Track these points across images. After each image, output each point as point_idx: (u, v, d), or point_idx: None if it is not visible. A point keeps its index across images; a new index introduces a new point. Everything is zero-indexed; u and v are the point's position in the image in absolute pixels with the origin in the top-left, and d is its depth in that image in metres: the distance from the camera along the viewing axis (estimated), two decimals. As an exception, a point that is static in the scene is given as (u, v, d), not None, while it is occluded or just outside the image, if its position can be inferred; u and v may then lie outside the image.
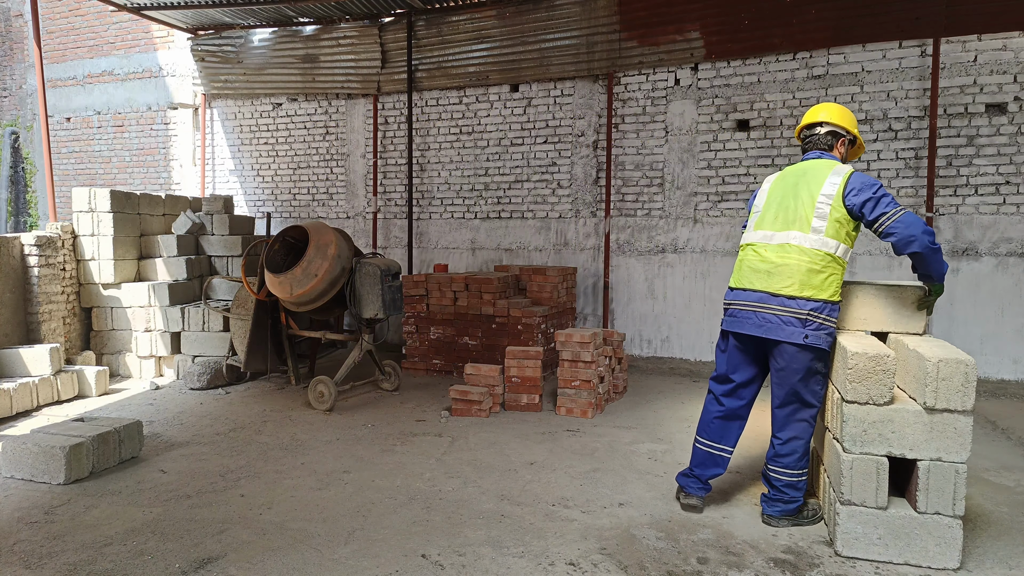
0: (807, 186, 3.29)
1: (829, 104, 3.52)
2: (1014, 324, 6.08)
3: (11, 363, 5.81)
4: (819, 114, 3.48)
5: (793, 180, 3.37)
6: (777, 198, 3.38)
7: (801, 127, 3.54)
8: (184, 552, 3.10)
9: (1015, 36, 5.97)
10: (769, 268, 3.29)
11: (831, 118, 3.44)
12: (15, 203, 10.79)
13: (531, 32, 7.58)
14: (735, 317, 3.39)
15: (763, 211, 3.42)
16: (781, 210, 3.34)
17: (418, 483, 3.97)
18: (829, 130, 3.45)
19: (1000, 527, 3.41)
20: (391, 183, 8.62)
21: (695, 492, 3.53)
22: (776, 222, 3.34)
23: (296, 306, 5.76)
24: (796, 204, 3.30)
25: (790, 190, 3.35)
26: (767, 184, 3.51)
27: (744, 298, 3.35)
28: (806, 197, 3.27)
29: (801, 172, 3.38)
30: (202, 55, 9.07)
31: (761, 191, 3.51)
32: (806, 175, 3.34)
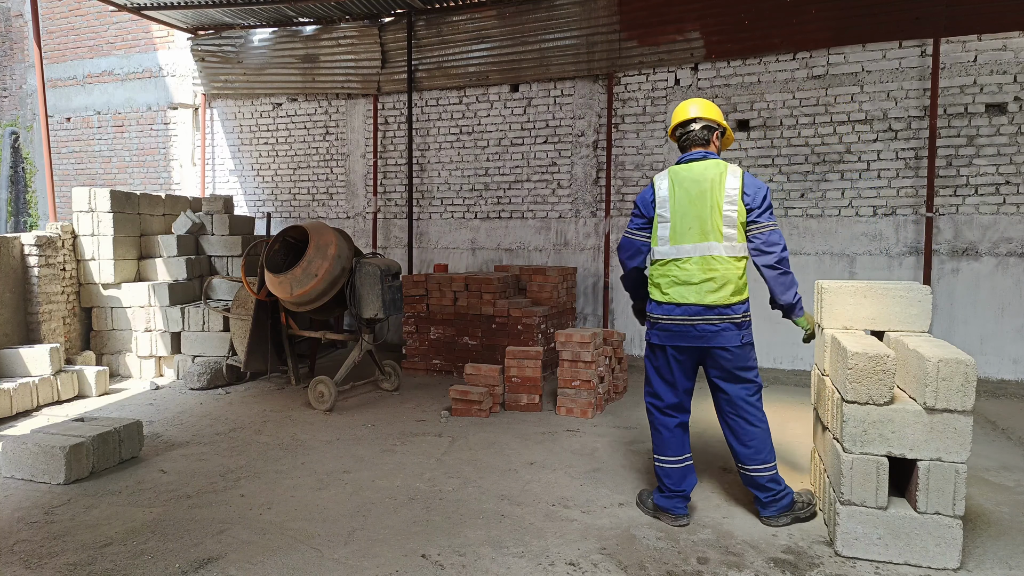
0: (712, 194, 3.34)
1: (696, 100, 3.55)
2: (1014, 324, 6.08)
3: (11, 363, 5.81)
4: (690, 110, 3.49)
5: (695, 188, 3.37)
6: (683, 207, 3.38)
7: (675, 125, 3.54)
8: (184, 552, 3.10)
9: (1015, 36, 5.97)
10: (699, 282, 3.35)
11: (703, 113, 3.47)
12: (15, 203, 10.79)
13: (531, 32, 7.58)
14: (671, 331, 3.42)
15: (672, 222, 3.40)
16: (694, 221, 3.36)
17: (418, 483, 3.97)
18: (704, 125, 3.47)
19: (1000, 527, 3.41)
20: (391, 183, 8.62)
21: (684, 511, 3.46)
22: (691, 234, 3.36)
23: (296, 306, 5.76)
24: (707, 214, 3.34)
25: (695, 200, 3.36)
26: (662, 189, 3.43)
27: (680, 312, 3.39)
28: (714, 207, 3.34)
29: (698, 177, 3.38)
30: (202, 55, 9.07)
31: (659, 196, 3.44)
32: (704, 181, 3.36)
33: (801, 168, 6.70)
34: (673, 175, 3.44)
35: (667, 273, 3.41)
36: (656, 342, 3.49)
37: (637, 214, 3.52)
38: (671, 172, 3.46)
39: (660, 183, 3.46)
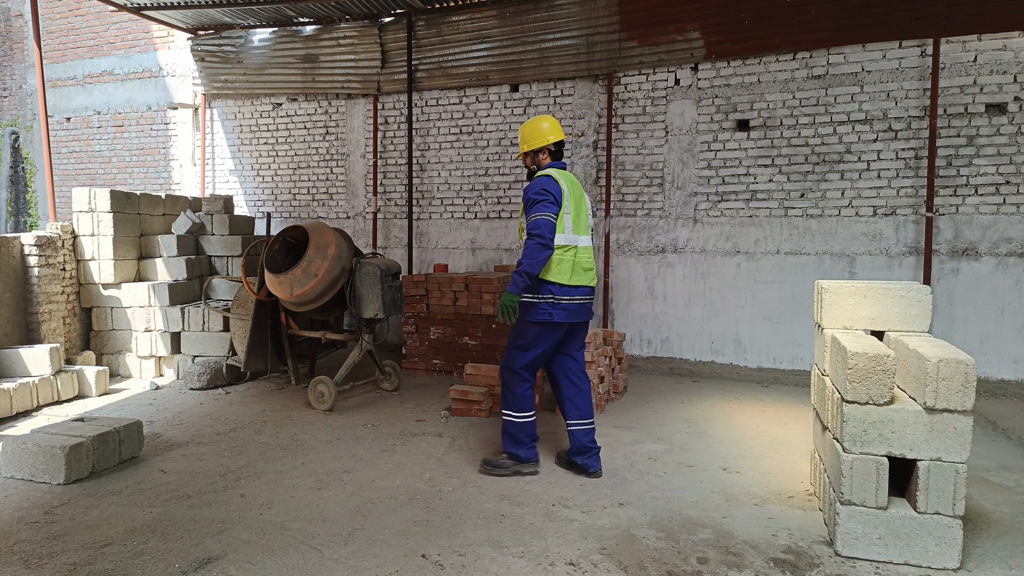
0: (585, 202, 4.15)
1: (550, 117, 4.20)
2: (1014, 324, 6.08)
3: (11, 363, 5.81)
4: (560, 130, 4.15)
5: (575, 189, 4.08)
6: (574, 205, 4.02)
7: (557, 139, 4.12)
8: (184, 552, 3.10)
9: (1015, 36, 5.97)
10: (588, 267, 4.05)
11: (563, 134, 4.17)
12: (15, 203, 10.79)
13: (531, 32, 7.58)
14: (571, 310, 3.98)
15: (571, 214, 3.99)
16: (580, 217, 4.07)
17: (418, 483, 3.97)
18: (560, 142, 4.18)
19: (1000, 527, 3.41)
20: (391, 183, 8.62)
21: (537, 456, 4.15)
22: (580, 227, 4.05)
23: (296, 306, 5.76)
24: (584, 213, 4.12)
25: (579, 199, 4.09)
26: (563, 186, 3.97)
27: (580, 293, 4.00)
28: (586, 207, 4.15)
29: (575, 181, 4.13)
30: (202, 55, 9.07)
31: (564, 190, 3.96)
32: (578, 185, 4.14)
33: (801, 168, 6.70)
34: (562, 177, 4.02)
35: (570, 259, 3.96)
36: (560, 320, 3.96)
37: (553, 202, 3.91)
38: (560, 174, 4.03)
39: (559, 180, 3.98)
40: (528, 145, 4.14)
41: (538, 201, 3.89)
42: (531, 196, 3.92)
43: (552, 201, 3.89)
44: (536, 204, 3.89)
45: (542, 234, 3.83)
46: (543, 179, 3.97)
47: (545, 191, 3.90)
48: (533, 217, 3.87)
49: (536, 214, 3.87)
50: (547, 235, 3.84)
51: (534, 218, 3.86)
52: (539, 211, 3.87)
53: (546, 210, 3.87)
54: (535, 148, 4.13)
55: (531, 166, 4.19)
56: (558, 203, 3.91)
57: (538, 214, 3.86)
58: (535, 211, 3.88)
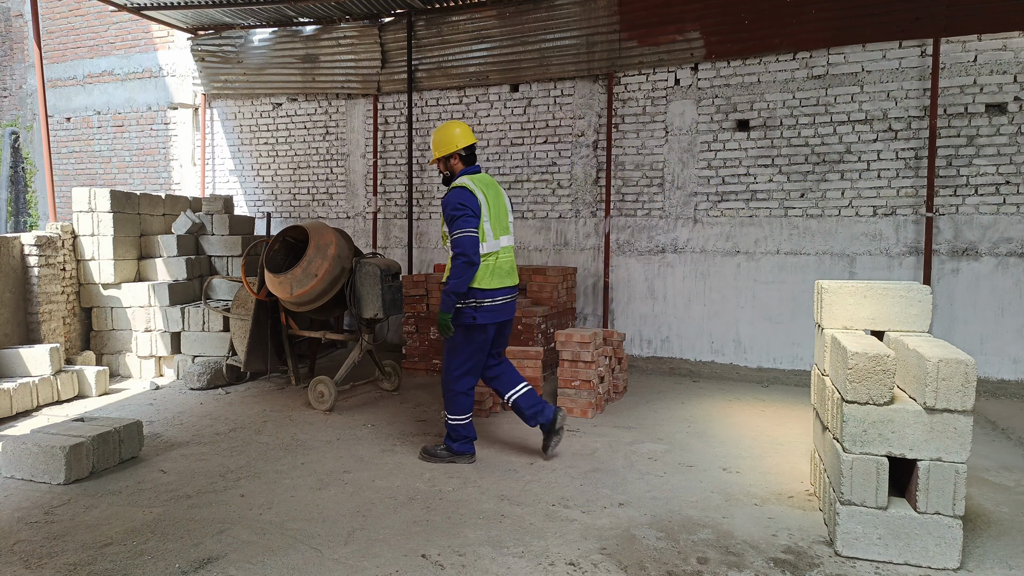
0: (502, 198, 4.31)
1: (461, 122, 4.32)
2: (1014, 324, 6.08)
3: (11, 363, 5.81)
4: (471, 135, 4.28)
5: (492, 191, 4.23)
6: (494, 209, 4.18)
7: (467, 144, 4.25)
8: (184, 552, 3.11)
9: (1015, 36, 5.97)
10: (511, 269, 4.29)
11: (474, 139, 4.31)
12: (15, 203, 10.79)
13: (531, 32, 7.58)
14: (493, 311, 4.19)
15: (491, 220, 4.15)
16: (501, 220, 4.25)
17: (418, 483, 3.97)
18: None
19: (1000, 527, 3.41)
20: (391, 183, 8.62)
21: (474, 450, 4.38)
22: (500, 229, 4.24)
23: (296, 306, 5.76)
24: (504, 214, 4.29)
25: (499, 203, 4.26)
26: (480, 194, 4.12)
27: (504, 294, 4.23)
28: (505, 206, 4.32)
29: (491, 183, 4.27)
30: (202, 55, 9.07)
31: (480, 199, 4.11)
32: (494, 187, 4.28)
33: (801, 168, 6.70)
34: (477, 182, 4.17)
35: (491, 263, 4.16)
36: (484, 322, 4.16)
37: (472, 215, 4.06)
38: (473, 180, 4.18)
39: (475, 190, 4.12)
40: (440, 151, 4.27)
41: (457, 216, 4.05)
42: (450, 213, 4.07)
43: (471, 214, 4.05)
44: (456, 220, 4.05)
45: (466, 252, 4.02)
46: (458, 192, 4.12)
47: (463, 205, 4.05)
48: (456, 235, 4.04)
49: (459, 231, 4.04)
50: (471, 252, 4.03)
51: (457, 236, 4.04)
52: (461, 227, 4.04)
53: (467, 226, 4.04)
54: (446, 154, 4.26)
55: (444, 171, 4.34)
56: (477, 215, 4.08)
57: (460, 231, 4.04)
58: (457, 228, 4.05)
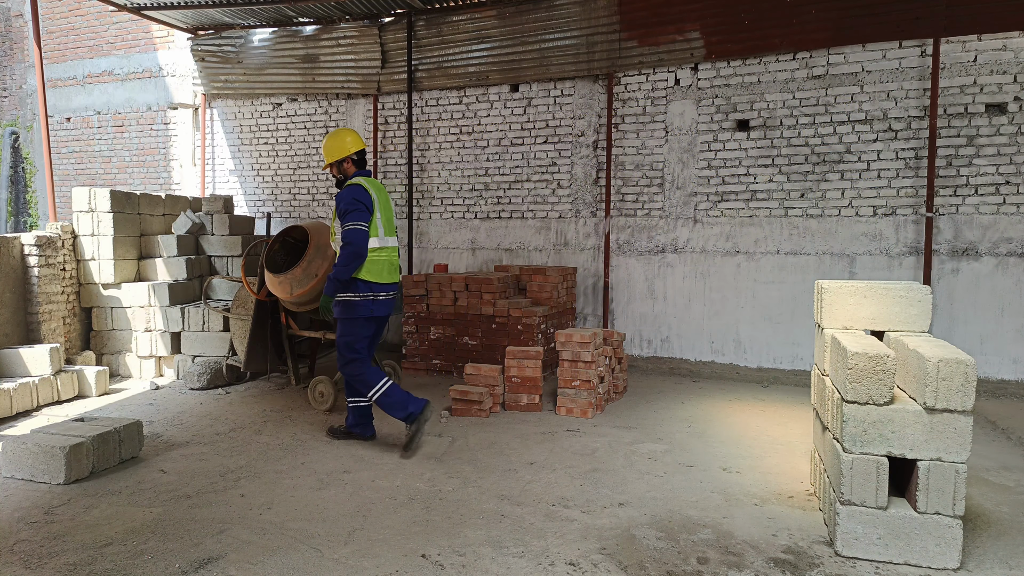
0: (389, 201, 4.61)
1: (351, 129, 4.66)
2: (1014, 324, 6.08)
3: (11, 363, 5.81)
4: (361, 141, 4.56)
5: (382, 194, 4.53)
6: (383, 210, 4.47)
7: (358, 149, 4.54)
8: (184, 552, 3.11)
9: (1015, 36, 5.97)
10: (396, 265, 4.59)
11: (363, 145, 4.60)
12: (15, 203, 10.79)
13: (531, 32, 7.58)
14: (386, 304, 4.55)
15: (382, 218, 4.44)
16: (390, 221, 4.54)
17: (418, 483, 3.97)
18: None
19: (1000, 527, 3.41)
20: (391, 183, 8.62)
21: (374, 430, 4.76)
22: (389, 229, 4.52)
23: (296, 306, 5.76)
24: (391, 216, 4.59)
25: (387, 205, 4.57)
26: (372, 193, 4.40)
27: (391, 289, 4.57)
28: (392, 210, 4.62)
29: (380, 188, 4.56)
30: (202, 55, 9.07)
31: (373, 196, 4.39)
32: (383, 191, 4.58)
33: (801, 168, 6.70)
34: (373, 185, 4.46)
35: (384, 259, 4.46)
36: (380, 314, 4.52)
37: (365, 210, 4.31)
38: (365, 181, 4.43)
39: (369, 188, 4.39)
40: (332, 156, 4.53)
41: (351, 211, 4.29)
42: (344, 207, 4.30)
43: (364, 209, 4.31)
44: (349, 213, 4.28)
45: (356, 243, 4.27)
46: (354, 188, 4.36)
47: (357, 200, 4.30)
48: (348, 227, 4.27)
49: (350, 223, 4.27)
50: (361, 244, 4.29)
51: (349, 227, 4.27)
52: (353, 220, 4.27)
53: (359, 219, 4.29)
54: (339, 159, 4.52)
55: (338, 176, 4.58)
56: (370, 210, 4.34)
57: (352, 224, 4.27)
58: (349, 220, 4.28)
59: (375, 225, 4.39)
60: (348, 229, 4.27)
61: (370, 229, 4.36)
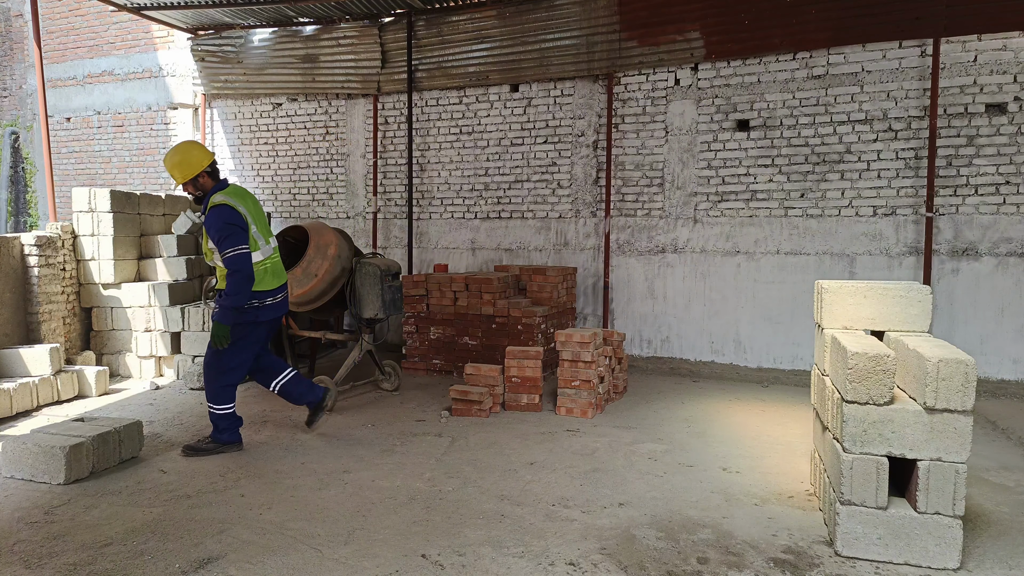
0: (258, 203, 4.59)
1: (196, 142, 4.59)
2: (1014, 324, 6.08)
3: (11, 363, 5.80)
4: (209, 152, 4.51)
5: (250, 200, 4.51)
6: (256, 217, 4.46)
7: (210, 161, 4.47)
8: (184, 552, 3.10)
9: (1015, 36, 5.97)
10: (280, 268, 4.63)
11: (212, 155, 4.56)
12: (15, 203, 10.79)
13: (531, 32, 7.58)
14: (277, 306, 4.57)
15: (257, 228, 4.44)
16: (264, 226, 4.55)
17: (418, 483, 3.97)
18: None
19: (1000, 527, 3.41)
20: (391, 183, 8.62)
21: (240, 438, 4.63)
22: (265, 233, 4.52)
23: (296, 306, 5.76)
24: (265, 220, 4.58)
25: (258, 209, 4.54)
26: (242, 208, 4.37)
27: (281, 292, 4.60)
28: (262, 210, 4.61)
29: (245, 194, 4.53)
30: (202, 55, 9.07)
31: (242, 211, 4.36)
32: (250, 196, 4.55)
33: (801, 168, 6.70)
34: (233, 195, 4.41)
35: (269, 266, 4.49)
36: (266, 318, 4.51)
37: (242, 230, 4.30)
38: (231, 194, 4.41)
39: (236, 204, 4.35)
40: (186, 175, 4.41)
41: (226, 236, 4.26)
42: (219, 234, 4.26)
43: (240, 230, 4.30)
44: (227, 239, 4.26)
45: (243, 268, 4.27)
46: (222, 211, 4.29)
47: (231, 224, 4.27)
48: (229, 253, 4.25)
49: (232, 250, 4.25)
50: (248, 268, 4.29)
51: (231, 254, 4.25)
52: (233, 246, 4.26)
53: (239, 242, 4.28)
54: (194, 175, 4.41)
55: (195, 192, 4.49)
56: (245, 229, 4.34)
57: (234, 250, 4.25)
58: (229, 246, 4.25)
59: (253, 240, 4.39)
60: (231, 255, 4.25)
61: (251, 244, 4.37)
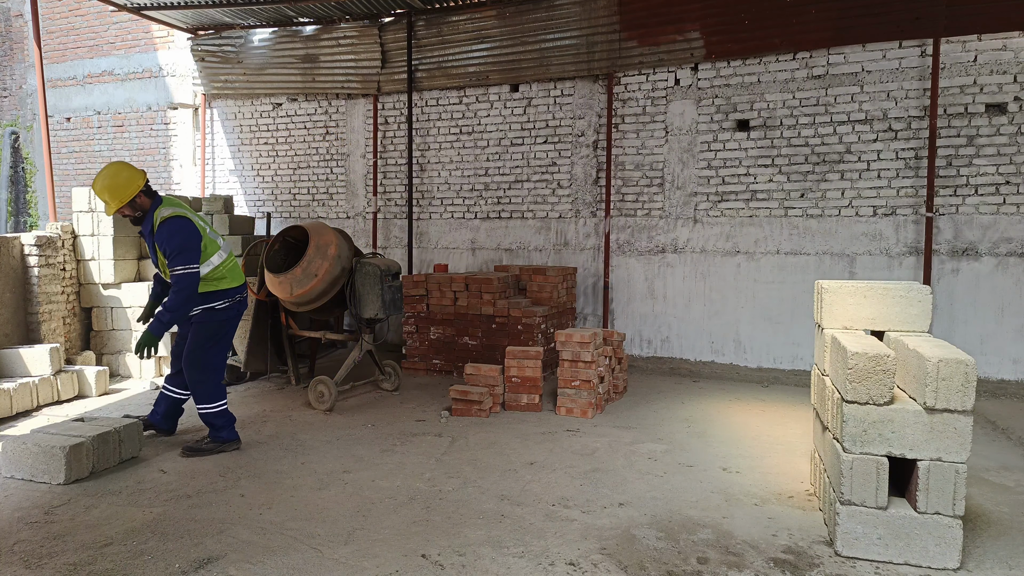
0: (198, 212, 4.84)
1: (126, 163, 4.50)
2: (1014, 324, 6.08)
3: (11, 363, 5.80)
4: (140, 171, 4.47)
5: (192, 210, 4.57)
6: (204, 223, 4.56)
7: (144, 179, 4.43)
8: (184, 552, 3.10)
9: (1015, 36, 5.97)
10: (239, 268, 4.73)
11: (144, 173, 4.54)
12: (15, 203, 10.79)
13: (531, 32, 7.58)
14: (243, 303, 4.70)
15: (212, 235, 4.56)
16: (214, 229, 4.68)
17: (418, 483, 3.97)
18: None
19: (1000, 527, 3.41)
20: (391, 183, 8.62)
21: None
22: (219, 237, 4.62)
23: (296, 306, 5.76)
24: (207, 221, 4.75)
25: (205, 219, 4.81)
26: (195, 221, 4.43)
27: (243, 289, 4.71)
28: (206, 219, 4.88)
29: (184, 205, 4.56)
30: (202, 55, 9.07)
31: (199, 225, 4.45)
32: (188, 207, 4.59)
33: (801, 168, 6.70)
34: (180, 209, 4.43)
35: (232, 262, 4.61)
36: (235, 315, 4.65)
37: (194, 249, 4.33)
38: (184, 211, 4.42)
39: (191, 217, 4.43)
40: (124, 198, 4.32)
41: (183, 251, 4.29)
42: (176, 248, 4.28)
43: (193, 248, 4.34)
44: (182, 254, 4.29)
45: (190, 287, 4.33)
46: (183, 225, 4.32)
47: (186, 243, 4.30)
48: (180, 271, 4.28)
49: (181, 268, 4.29)
50: (194, 288, 4.35)
51: (182, 272, 4.28)
52: (184, 264, 4.29)
53: (191, 261, 4.32)
54: (132, 196, 4.34)
55: (134, 214, 4.43)
56: (198, 247, 4.36)
57: (185, 268, 4.29)
58: (182, 263, 4.29)
59: (212, 243, 4.48)
60: (182, 273, 4.28)
61: (209, 248, 4.45)
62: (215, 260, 4.49)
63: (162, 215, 4.35)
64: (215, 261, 4.49)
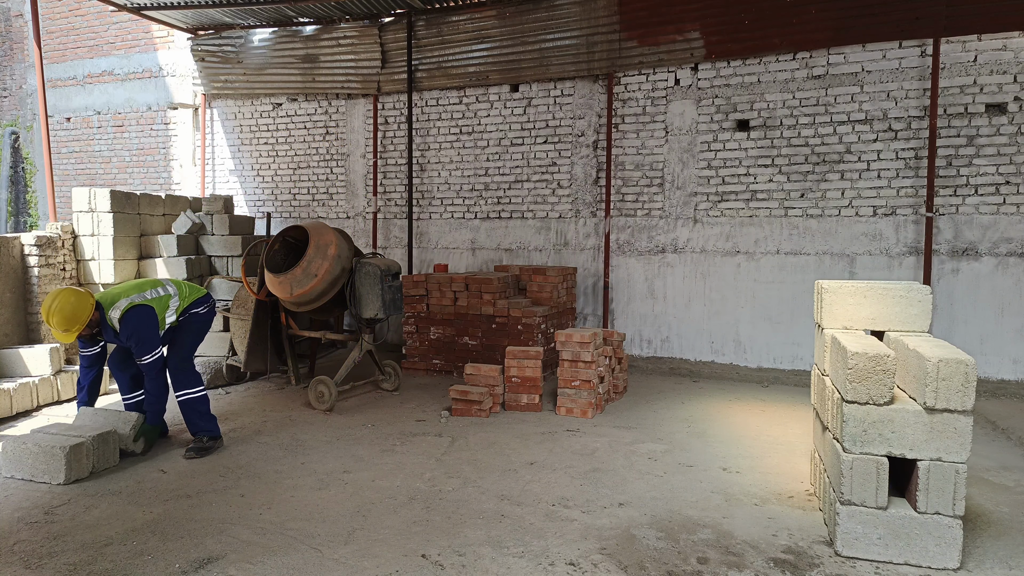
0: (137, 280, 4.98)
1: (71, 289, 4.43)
2: (1014, 324, 6.08)
3: (11, 363, 5.80)
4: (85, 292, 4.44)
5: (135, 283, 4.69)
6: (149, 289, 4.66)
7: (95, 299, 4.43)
8: (184, 552, 3.10)
9: (1015, 36, 5.97)
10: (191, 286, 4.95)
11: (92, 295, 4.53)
12: (15, 203, 10.79)
13: (531, 32, 7.58)
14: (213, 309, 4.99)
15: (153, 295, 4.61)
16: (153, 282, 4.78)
17: (418, 483, 3.97)
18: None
19: (1000, 527, 3.41)
20: (391, 183, 8.62)
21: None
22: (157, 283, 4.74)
23: (296, 306, 5.76)
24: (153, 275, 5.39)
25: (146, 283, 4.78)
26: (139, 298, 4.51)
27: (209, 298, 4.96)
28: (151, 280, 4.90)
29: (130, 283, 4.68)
30: (202, 55, 9.07)
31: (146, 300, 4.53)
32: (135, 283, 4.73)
33: (801, 168, 6.70)
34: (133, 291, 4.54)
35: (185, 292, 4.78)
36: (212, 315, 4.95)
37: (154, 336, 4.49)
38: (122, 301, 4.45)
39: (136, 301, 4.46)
40: (81, 320, 4.32)
41: (148, 340, 4.47)
42: (138, 338, 4.43)
43: (155, 334, 4.52)
44: (144, 343, 4.45)
45: (160, 374, 4.59)
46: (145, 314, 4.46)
47: (148, 335, 4.46)
48: (147, 360, 4.47)
49: (149, 356, 4.48)
50: (159, 369, 4.57)
51: (149, 360, 4.48)
52: (151, 351, 4.47)
53: (155, 347, 4.52)
54: (87, 317, 4.35)
55: (92, 330, 4.48)
56: (157, 329, 4.51)
57: (151, 356, 4.48)
58: (147, 351, 4.46)
59: (163, 298, 4.63)
60: (150, 362, 4.48)
61: (164, 299, 4.63)
62: (175, 303, 4.70)
63: (123, 308, 4.44)
64: (175, 303, 4.71)
